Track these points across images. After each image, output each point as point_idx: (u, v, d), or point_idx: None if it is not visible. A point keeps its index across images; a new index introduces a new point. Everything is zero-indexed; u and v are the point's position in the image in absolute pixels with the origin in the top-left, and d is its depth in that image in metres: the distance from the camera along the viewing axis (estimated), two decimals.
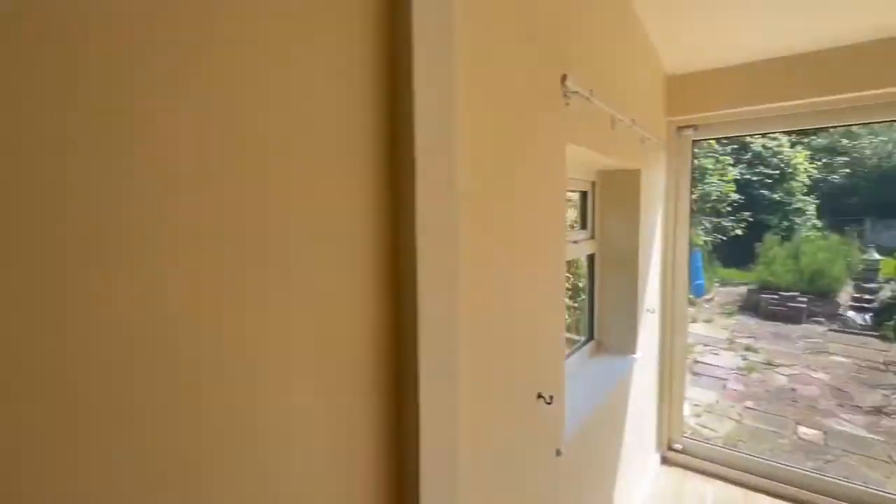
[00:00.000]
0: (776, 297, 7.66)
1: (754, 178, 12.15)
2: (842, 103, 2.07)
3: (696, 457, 2.55)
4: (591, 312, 2.19)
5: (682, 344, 2.66)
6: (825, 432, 3.70)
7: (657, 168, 2.35)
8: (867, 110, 2.06)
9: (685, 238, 2.56)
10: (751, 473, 2.39)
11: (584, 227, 2.11)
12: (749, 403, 4.28)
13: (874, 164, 17.81)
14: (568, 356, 1.86)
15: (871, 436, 3.65)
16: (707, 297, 8.91)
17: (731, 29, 1.88)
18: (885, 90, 1.92)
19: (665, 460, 2.60)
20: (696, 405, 4.14)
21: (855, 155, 17.42)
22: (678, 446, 2.61)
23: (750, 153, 12.51)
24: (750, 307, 8.07)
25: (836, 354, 5.68)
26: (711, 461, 2.50)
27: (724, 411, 4.09)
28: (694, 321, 6.84)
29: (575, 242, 1.93)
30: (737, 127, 2.44)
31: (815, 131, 15.87)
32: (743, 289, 9.50)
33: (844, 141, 17.43)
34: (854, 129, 17.85)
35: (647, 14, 1.79)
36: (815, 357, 5.60)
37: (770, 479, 2.33)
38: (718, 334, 6.61)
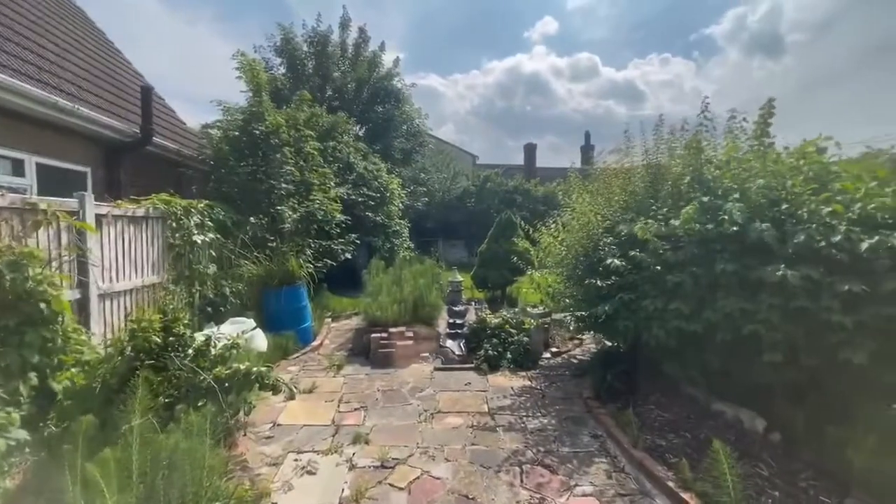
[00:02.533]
0: (385, 334, 6.50)
1: (360, 199, 11.67)
2: None
3: None
4: None
5: None
6: None
7: None
8: None
9: None
10: None
11: None
12: None
13: (440, 196, 22.19)
14: None
15: None
16: (316, 342, 6.98)
17: None
18: None
19: None
20: None
21: (429, 187, 21.15)
22: None
23: (355, 173, 12.03)
24: (360, 350, 6.64)
25: (449, 412, 4.58)
26: None
27: None
28: (291, 395, 4.44)
29: None
30: None
31: (403, 163, 17.96)
32: (354, 322, 8.25)
33: (423, 175, 20.92)
34: (428, 165, 21.78)
35: None
36: (431, 427, 4.26)
37: None
38: (322, 416, 4.48)
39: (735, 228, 3.63)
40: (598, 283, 4.76)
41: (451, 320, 7.44)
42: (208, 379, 3.37)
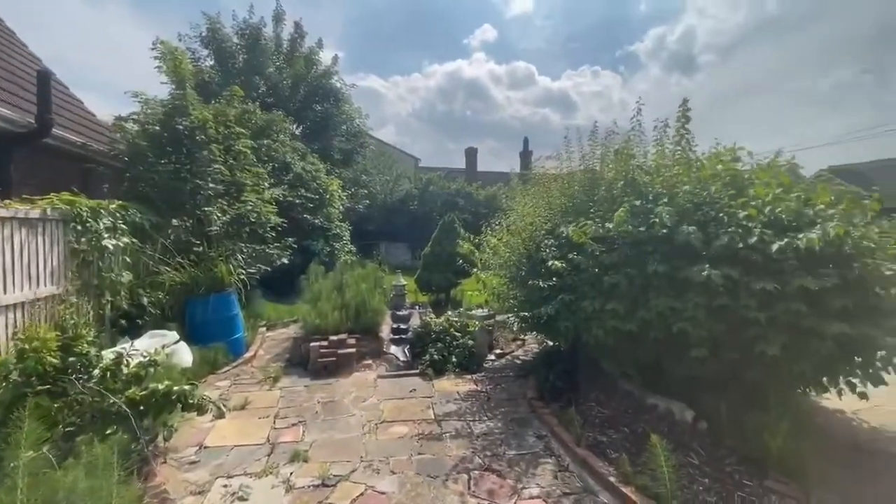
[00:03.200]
0: (326, 342, 6.20)
1: (297, 201, 11.15)
2: None
3: None
4: None
5: None
6: None
7: None
8: None
9: None
10: None
11: None
12: None
13: (382, 199, 21.85)
14: None
15: None
16: (249, 354, 6.52)
17: None
18: None
19: None
20: None
21: (371, 189, 20.76)
22: None
23: (292, 174, 11.49)
24: (298, 360, 6.28)
25: (394, 421, 4.43)
26: None
27: None
28: (220, 414, 4.06)
29: None
30: None
31: (343, 164, 17.48)
32: (292, 330, 7.82)
33: (364, 177, 20.48)
34: (370, 167, 21.38)
35: None
36: (375, 438, 4.09)
37: None
38: (256, 434, 4.15)
39: (665, 231, 3.84)
40: (541, 284, 4.84)
41: (394, 325, 7.27)
42: (119, 403, 2.98)
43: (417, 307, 9.20)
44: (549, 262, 4.69)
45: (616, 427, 4.00)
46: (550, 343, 5.99)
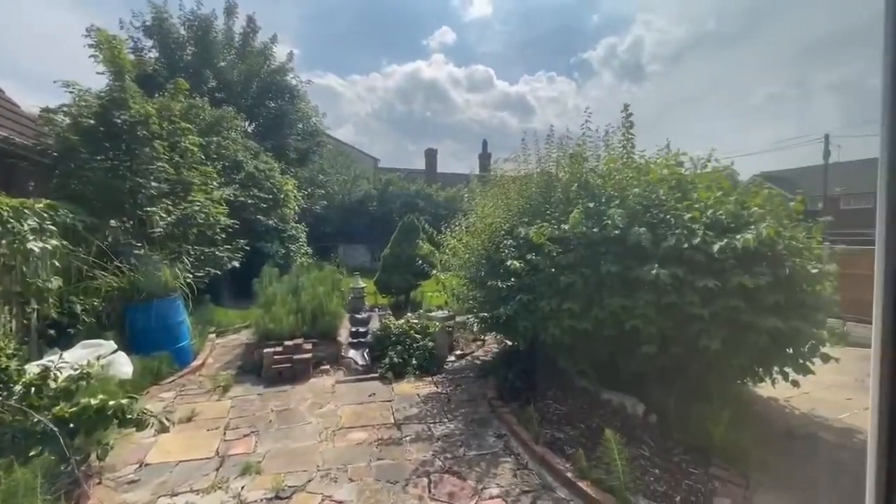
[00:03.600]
0: (281, 348, 5.97)
1: (250, 202, 10.71)
2: None
3: None
4: None
5: None
6: None
7: None
8: None
9: None
10: None
11: None
12: None
13: (340, 199, 21.40)
14: None
15: None
16: (197, 362, 6.16)
17: None
18: None
19: None
20: None
21: (329, 189, 20.29)
22: None
23: (244, 173, 11.02)
24: (251, 367, 6.01)
25: (352, 427, 4.33)
26: None
27: None
28: (164, 428, 3.79)
29: None
30: None
31: (299, 163, 16.97)
32: (244, 336, 7.48)
33: (322, 177, 19.98)
34: (327, 167, 20.90)
35: None
36: (333, 446, 3.97)
37: None
38: (204, 448, 3.92)
39: (617, 232, 3.99)
40: (500, 284, 4.89)
41: (353, 329, 7.12)
42: (45, 421, 2.71)
43: (377, 309, 9.06)
44: (508, 263, 4.74)
45: (573, 423, 4.10)
46: (510, 343, 6.07)
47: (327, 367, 6.08)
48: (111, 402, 3.01)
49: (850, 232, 14.86)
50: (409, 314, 7.50)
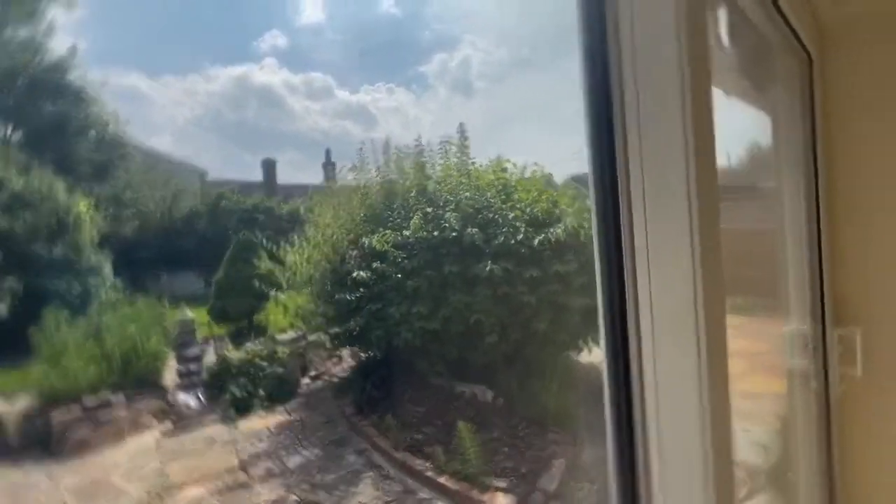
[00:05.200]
0: (79, 409, 4.76)
1: (19, 230, 8.38)
2: None
3: None
4: None
5: None
6: None
7: None
8: None
9: None
10: None
11: None
12: None
13: (159, 219, 18.35)
14: None
15: None
16: None
17: None
18: None
19: None
20: None
21: (141, 209, 17.19)
22: None
23: (6, 193, 8.57)
24: (35, 440, 4.65)
25: (186, 484, 3.68)
26: None
27: None
28: None
29: None
30: None
31: (96, 178, 14.00)
32: (22, 404, 5.75)
33: (130, 194, 16.80)
34: (137, 182, 17.69)
35: None
36: None
37: None
38: None
39: (454, 234, 4.25)
40: (348, 297, 4.76)
41: (182, 368, 6.10)
42: None
43: (213, 341, 7.94)
44: (355, 273, 4.65)
45: (431, 422, 4.20)
46: (365, 355, 5.96)
47: (149, 419, 5.07)
48: None
49: None
50: (250, 343, 6.76)
